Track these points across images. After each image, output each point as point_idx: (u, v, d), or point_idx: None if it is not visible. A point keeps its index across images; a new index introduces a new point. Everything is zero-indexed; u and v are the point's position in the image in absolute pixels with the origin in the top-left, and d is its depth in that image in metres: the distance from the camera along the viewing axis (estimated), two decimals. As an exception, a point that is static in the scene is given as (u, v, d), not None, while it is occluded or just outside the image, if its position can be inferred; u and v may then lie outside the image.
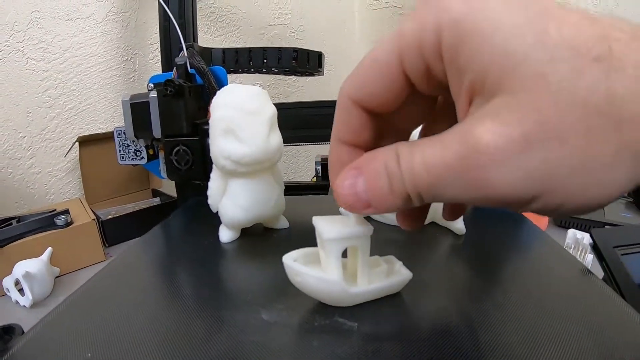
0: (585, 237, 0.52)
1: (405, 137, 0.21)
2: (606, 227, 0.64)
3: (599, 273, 0.35)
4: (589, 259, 0.50)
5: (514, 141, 0.13)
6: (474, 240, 0.35)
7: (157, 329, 0.24)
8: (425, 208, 0.22)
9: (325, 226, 0.23)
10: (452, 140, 0.14)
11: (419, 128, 0.22)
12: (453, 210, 0.22)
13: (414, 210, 0.21)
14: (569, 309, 0.24)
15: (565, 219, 0.73)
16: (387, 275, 0.26)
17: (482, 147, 0.13)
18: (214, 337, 0.23)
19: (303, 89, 1.21)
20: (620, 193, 0.13)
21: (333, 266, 0.23)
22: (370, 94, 0.18)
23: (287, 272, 0.25)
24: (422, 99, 0.19)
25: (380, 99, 0.18)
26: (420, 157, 0.15)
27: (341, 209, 0.22)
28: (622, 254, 0.34)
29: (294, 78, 1.18)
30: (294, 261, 0.25)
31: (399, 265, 0.27)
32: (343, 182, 0.18)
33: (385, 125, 0.20)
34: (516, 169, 0.13)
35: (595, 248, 0.36)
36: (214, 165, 0.36)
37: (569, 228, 0.57)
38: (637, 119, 0.12)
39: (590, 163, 0.12)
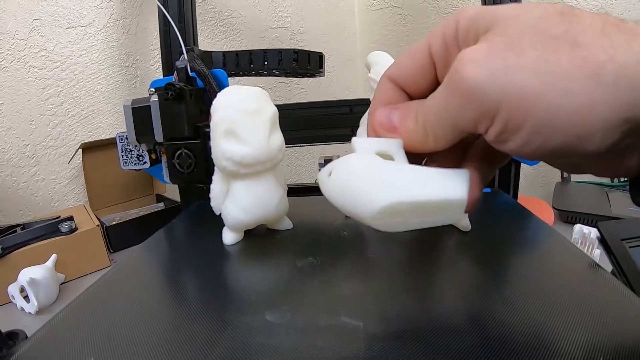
0: (592, 232, 0.51)
1: None
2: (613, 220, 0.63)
3: (608, 267, 0.35)
4: (597, 253, 0.49)
5: (482, 51, 0.16)
6: (479, 237, 0.35)
7: (161, 331, 0.24)
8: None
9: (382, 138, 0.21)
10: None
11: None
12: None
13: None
14: (578, 302, 0.24)
15: (571, 215, 0.72)
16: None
17: (462, 55, 0.16)
18: (218, 339, 0.23)
19: (305, 92, 1.20)
20: (581, 111, 0.14)
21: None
22: (402, 73, 0.21)
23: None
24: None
25: (411, 77, 0.21)
26: (431, 96, 0.19)
27: (354, 140, 0.21)
28: (630, 247, 0.33)
29: (295, 80, 1.17)
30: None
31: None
32: (381, 111, 0.21)
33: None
34: (483, 67, 0.15)
35: (602, 241, 0.35)
36: (216, 168, 0.36)
37: (576, 223, 0.57)
38: (592, 44, 0.14)
39: (546, 73, 0.14)
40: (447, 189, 0.18)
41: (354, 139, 0.21)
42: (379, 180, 0.18)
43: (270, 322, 0.24)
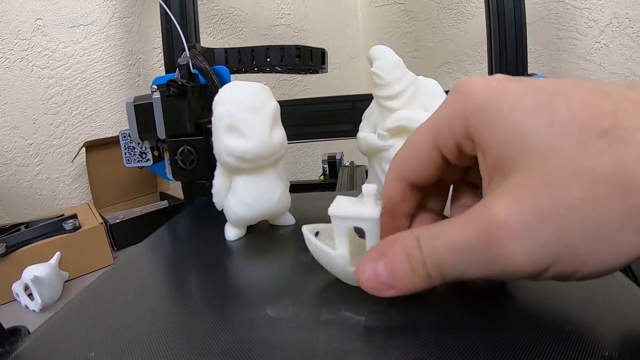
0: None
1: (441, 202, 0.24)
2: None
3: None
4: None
5: (528, 215, 0.14)
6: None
7: (162, 326, 0.24)
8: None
9: (338, 203, 0.24)
10: (473, 220, 0.16)
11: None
12: None
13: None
14: (582, 296, 0.24)
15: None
16: None
17: (499, 222, 0.14)
18: (219, 333, 0.23)
19: (308, 89, 1.20)
20: (629, 257, 0.14)
21: (340, 242, 0.24)
22: (412, 173, 0.21)
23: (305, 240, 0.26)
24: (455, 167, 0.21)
25: (421, 175, 0.21)
26: (445, 238, 0.16)
27: (364, 187, 0.24)
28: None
29: (298, 77, 1.17)
30: (315, 233, 0.27)
31: None
32: (364, 267, 0.20)
33: (432, 193, 0.23)
34: (531, 240, 0.14)
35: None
36: (217, 163, 0.36)
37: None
38: None
39: (599, 228, 0.13)
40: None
41: (334, 202, 0.25)
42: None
43: (272, 317, 0.24)
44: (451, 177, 0.23)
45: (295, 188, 0.40)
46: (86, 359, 0.22)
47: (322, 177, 0.86)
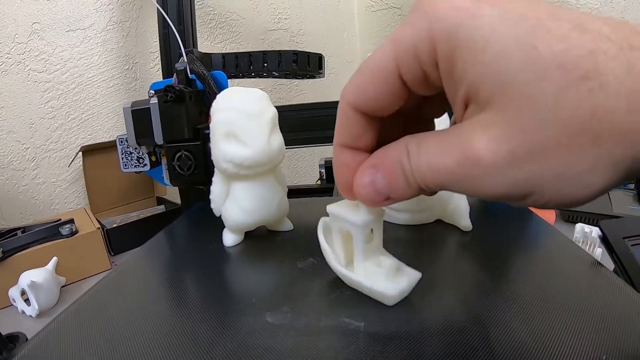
0: (593, 231, 0.51)
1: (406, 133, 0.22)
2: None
3: (609, 266, 0.34)
4: (598, 252, 0.49)
5: (503, 157, 0.14)
6: (481, 236, 0.35)
7: (161, 333, 0.24)
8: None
9: (340, 203, 0.25)
10: (451, 147, 0.16)
11: None
12: None
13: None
14: (580, 301, 0.24)
15: (572, 214, 0.72)
16: (387, 279, 0.25)
17: (477, 159, 0.15)
18: (219, 340, 0.23)
19: (305, 94, 1.21)
20: (600, 193, 0.15)
21: (335, 238, 0.27)
22: (368, 100, 0.19)
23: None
24: (418, 97, 0.19)
25: (378, 103, 0.19)
26: (426, 159, 0.17)
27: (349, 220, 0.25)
28: (632, 245, 0.33)
29: (295, 82, 1.18)
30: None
31: (406, 268, 0.26)
32: (362, 180, 0.19)
33: (386, 126, 0.21)
34: (506, 179, 0.15)
35: (604, 239, 0.35)
36: (215, 169, 0.36)
37: (577, 222, 0.57)
38: (614, 133, 0.13)
39: (570, 171, 0.14)
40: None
41: (339, 213, 0.25)
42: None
43: (271, 323, 0.24)
44: (409, 107, 0.21)
45: (293, 193, 0.40)
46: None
47: (319, 182, 0.86)
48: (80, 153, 0.81)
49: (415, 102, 0.21)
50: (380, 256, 0.26)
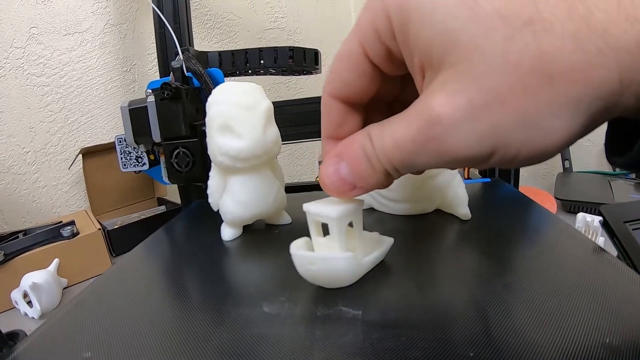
0: (595, 220, 0.51)
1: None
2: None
3: (612, 254, 0.34)
4: (601, 241, 0.49)
5: (462, 110, 0.14)
6: (480, 225, 0.35)
7: (159, 324, 0.24)
8: None
9: (323, 208, 0.24)
10: (412, 117, 0.16)
11: None
12: None
13: None
14: (583, 286, 0.24)
15: (574, 204, 0.72)
16: (374, 245, 0.28)
17: (436, 118, 0.15)
18: (216, 331, 0.23)
19: (303, 91, 1.20)
20: (561, 142, 0.14)
21: (341, 244, 0.25)
22: (344, 86, 0.19)
23: (299, 263, 0.26)
24: (395, 79, 0.20)
25: (353, 88, 0.19)
26: (390, 136, 0.17)
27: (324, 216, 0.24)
28: (634, 229, 0.33)
29: (293, 80, 1.17)
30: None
31: (377, 235, 0.29)
32: (327, 170, 0.19)
33: (372, 117, 0.22)
34: (468, 134, 0.15)
35: (605, 224, 0.35)
36: (212, 164, 0.36)
37: (578, 212, 0.56)
38: (566, 72, 0.13)
39: (530, 117, 0.14)
40: None
41: (315, 210, 0.24)
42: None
43: (268, 313, 0.24)
44: (388, 94, 0.22)
45: (292, 190, 0.40)
46: (82, 359, 0.21)
47: (318, 178, 0.86)
48: (80, 155, 0.81)
49: (395, 87, 0.22)
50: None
